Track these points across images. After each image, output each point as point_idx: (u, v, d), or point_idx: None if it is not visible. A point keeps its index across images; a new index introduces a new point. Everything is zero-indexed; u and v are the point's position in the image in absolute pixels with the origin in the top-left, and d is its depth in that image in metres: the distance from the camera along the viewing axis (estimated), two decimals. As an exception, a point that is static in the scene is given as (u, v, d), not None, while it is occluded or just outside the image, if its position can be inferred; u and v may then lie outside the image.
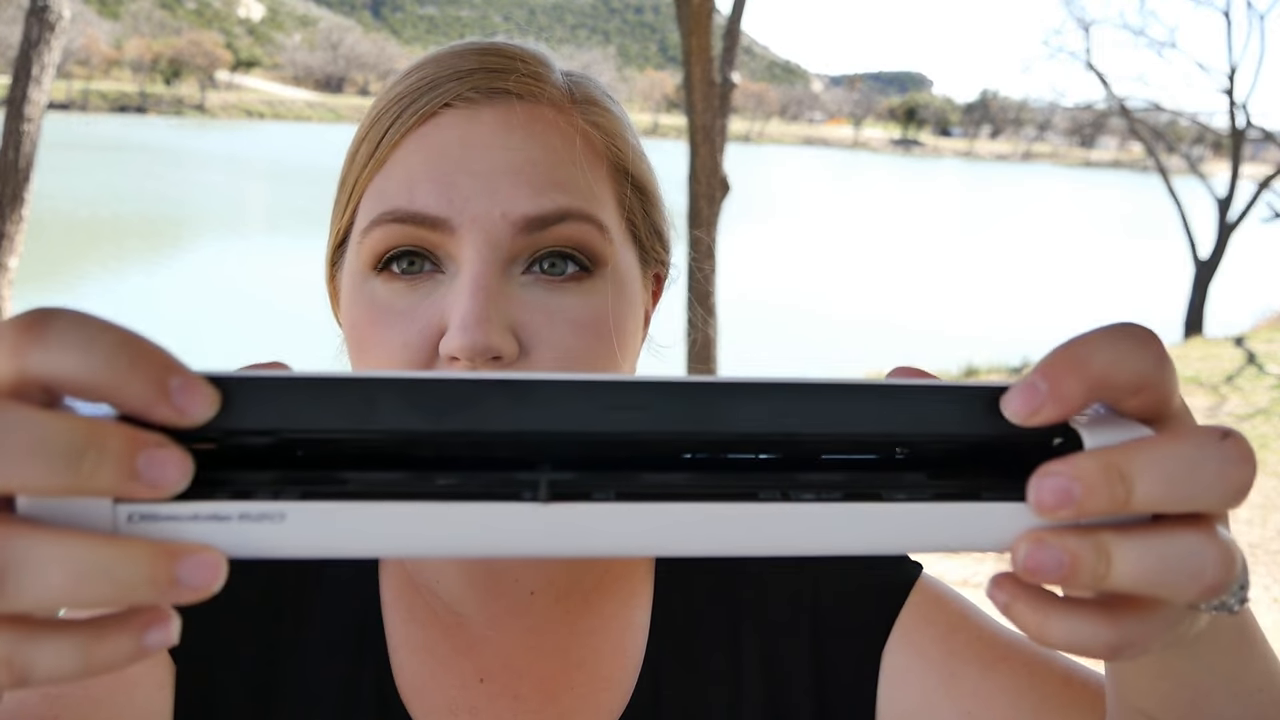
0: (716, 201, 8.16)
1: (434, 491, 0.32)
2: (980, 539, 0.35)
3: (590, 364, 0.61)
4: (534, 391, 0.33)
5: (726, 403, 0.34)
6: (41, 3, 4.64)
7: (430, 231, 0.60)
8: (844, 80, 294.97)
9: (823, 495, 0.34)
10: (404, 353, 0.60)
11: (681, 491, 0.33)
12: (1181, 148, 18.18)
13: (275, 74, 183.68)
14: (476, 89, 0.62)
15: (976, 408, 0.35)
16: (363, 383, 0.32)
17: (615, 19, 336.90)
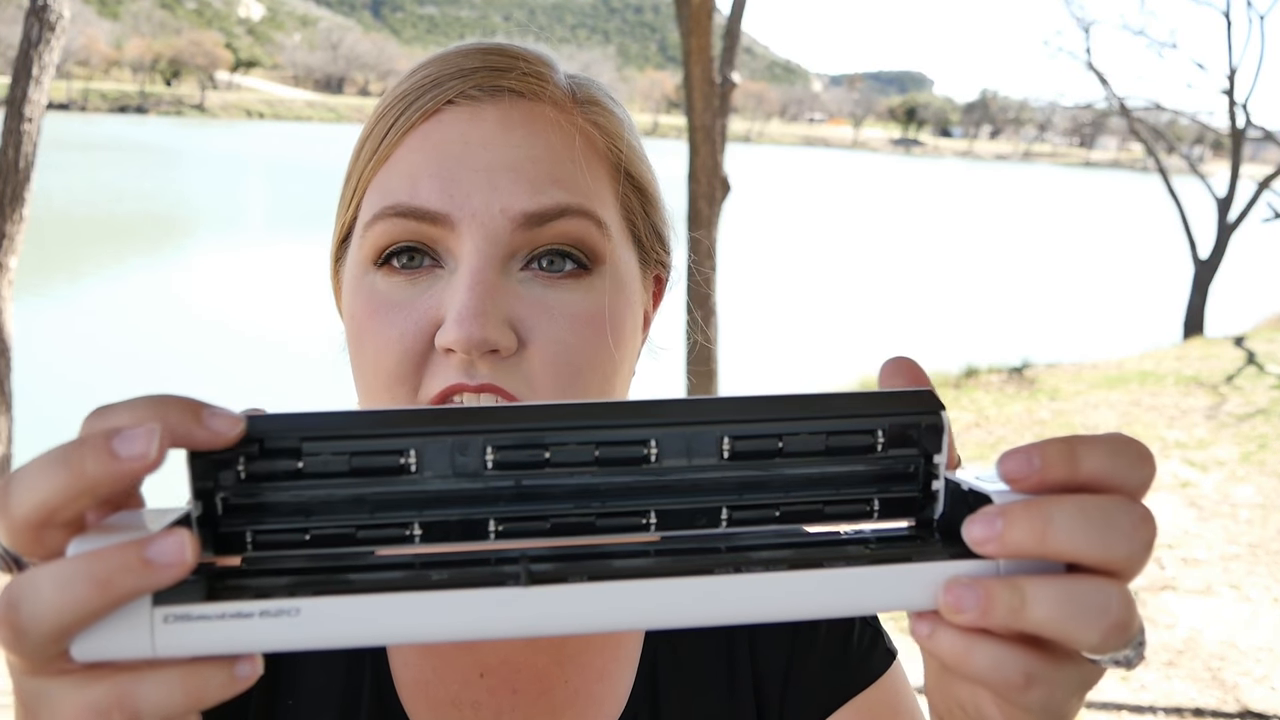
0: (716, 201, 8.16)
1: (430, 583, 0.36)
2: (915, 597, 0.38)
3: (587, 359, 0.62)
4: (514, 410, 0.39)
5: (673, 407, 0.40)
6: (41, 3, 4.64)
7: (431, 226, 0.61)
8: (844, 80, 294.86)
9: (771, 566, 0.38)
10: (400, 344, 0.60)
11: (646, 570, 0.37)
12: (1181, 148, 18.18)
13: (275, 74, 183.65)
14: (479, 87, 0.63)
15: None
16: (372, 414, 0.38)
17: (615, 19, 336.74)
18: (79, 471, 0.34)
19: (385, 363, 0.61)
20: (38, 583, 0.34)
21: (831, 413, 0.41)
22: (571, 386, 0.61)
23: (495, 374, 0.59)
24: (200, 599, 0.35)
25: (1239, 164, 15.07)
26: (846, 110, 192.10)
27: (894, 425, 0.41)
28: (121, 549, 0.33)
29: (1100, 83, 16.45)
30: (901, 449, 0.41)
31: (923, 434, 0.41)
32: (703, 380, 8.34)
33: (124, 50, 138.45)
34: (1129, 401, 9.06)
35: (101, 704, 0.34)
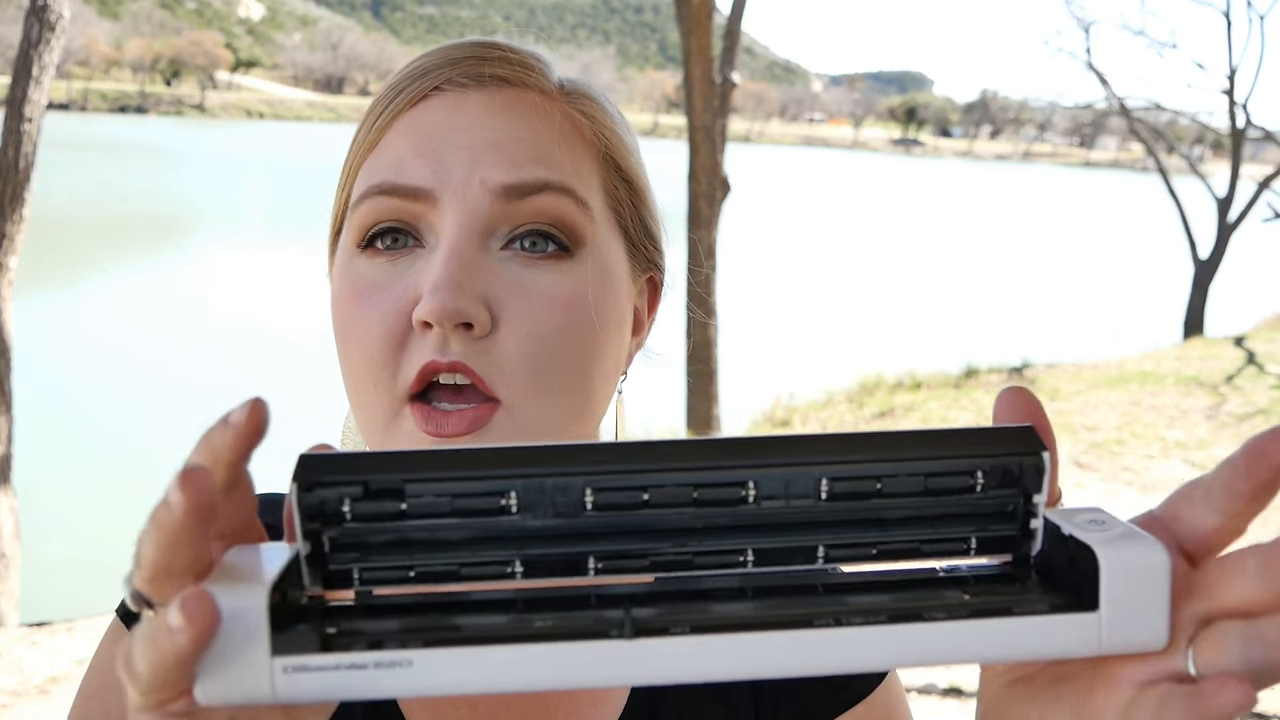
0: (716, 201, 8.16)
1: (535, 634, 0.37)
2: (1013, 651, 0.39)
3: (563, 343, 0.61)
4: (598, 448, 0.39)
5: (763, 447, 0.40)
6: (41, 3, 4.64)
7: (413, 203, 0.61)
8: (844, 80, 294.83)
9: (870, 619, 0.38)
10: (381, 323, 0.60)
11: (747, 622, 0.38)
12: (1181, 148, 18.18)
13: (275, 74, 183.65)
14: (465, 74, 0.64)
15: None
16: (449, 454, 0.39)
17: (615, 19, 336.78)
18: (164, 522, 0.35)
19: (368, 347, 0.60)
20: (135, 634, 0.36)
21: (931, 453, 0.40)
22: (545, 370, 0.60)
23: (466, 353, 0.58)
24: (316, 649, 0.37)
25: (1239, 164, 15.07)
26: (846, 110, 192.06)
27: (994, 466, 0.41)
28: (155, 618, 0.36)
29: (1100, 83, 16.46)
30: (1001, 489, 0.41)
31: (1023, 474, 0.41)
32: (702, 380, 8.34)
33: (124, 50, 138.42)
34: (1129, 401, 9.06)
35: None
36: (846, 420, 8.57)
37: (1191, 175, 16.96)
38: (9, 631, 4.55)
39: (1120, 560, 0.38)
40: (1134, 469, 7.01)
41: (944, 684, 3.95)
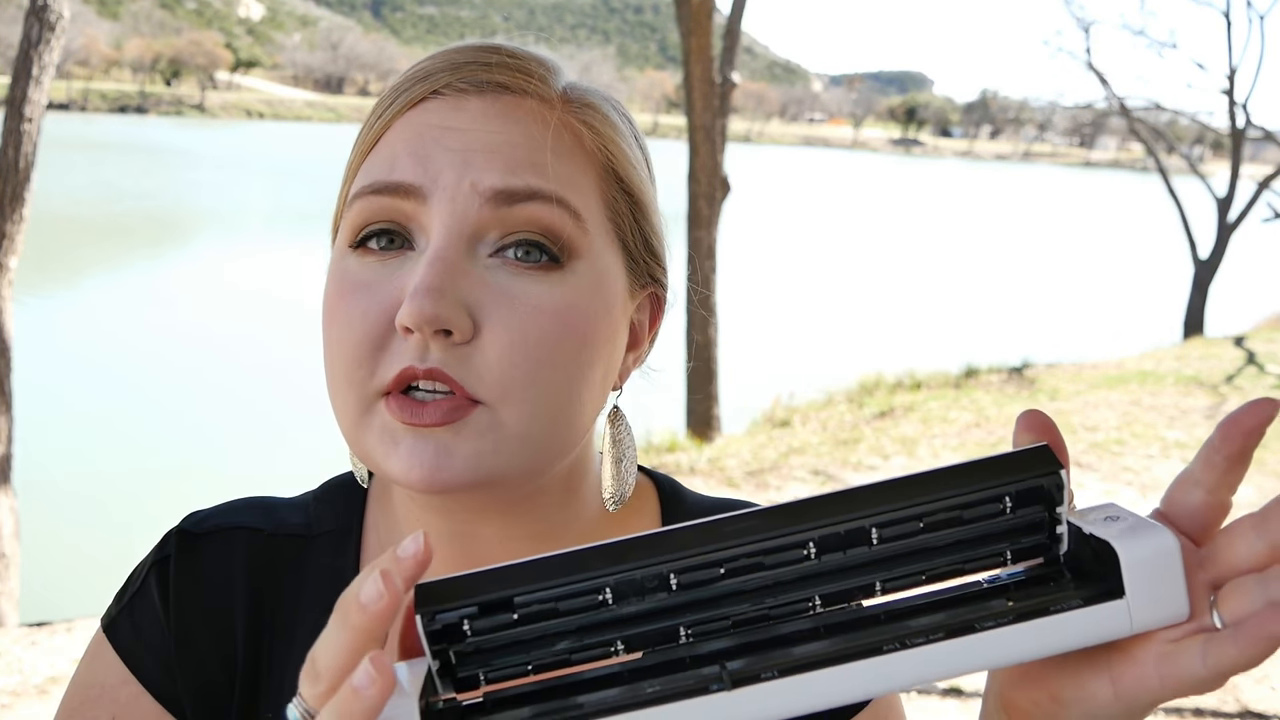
0: (716, 201, 8.16)
1: (648, 699, 0.43)
2: (1055, 645, 0.45)
3: (546, 355, 0.60)
4: (670, 535, 0.45)
5: (809, 511, 0.45)
6: (41, 3, 4.63)
7: (404, 201, 0.60)
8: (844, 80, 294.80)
9: (931, 638, 0.44)
10: (362, 324, 0.59)
11: (825, 658, 0.44)
12: (1181, 148, 18.17)
13: (275, 74, 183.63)
14: (465, 79, 0.63)
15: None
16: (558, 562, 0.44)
17: (615, 19, 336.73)
18: (357, 620, 0.40)
19: (347, 344, 0.60)
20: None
21: (963, 489, 0.45)
22: (528, 379, 0.59)
23: (445, 360, 0.58)
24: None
25: (1239, 164, 15.08)
26: (846, 110, 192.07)
27: (1019, 490, 0.46)
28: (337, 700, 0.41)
29: (1100, 83, 16.46)
30: (1028, 506, 0.46)
31: (1045, 491, 0.46)
32: (702, 380, 8.34)
33: (124, 50, 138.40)
34: (1129, 401, 9.06)
35: None
36: (847, 419, 8.57)
37: (1191, 175, 16.96)
38: (9, 631, 4.55)
39: (1136, 549, 0.44)
40: (1134, 469, 7.02)
41: (944, 685, 3.96)
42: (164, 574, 0.72)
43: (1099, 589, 0.45)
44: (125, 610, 0.72)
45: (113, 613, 0.72)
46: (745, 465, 7.00)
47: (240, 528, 0.74)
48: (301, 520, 0.75)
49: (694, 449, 7.58)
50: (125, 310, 15.97)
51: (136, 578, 0.73)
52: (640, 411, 0.70)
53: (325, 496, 0.78)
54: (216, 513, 0.75)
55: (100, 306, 16.09)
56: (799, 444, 7.70)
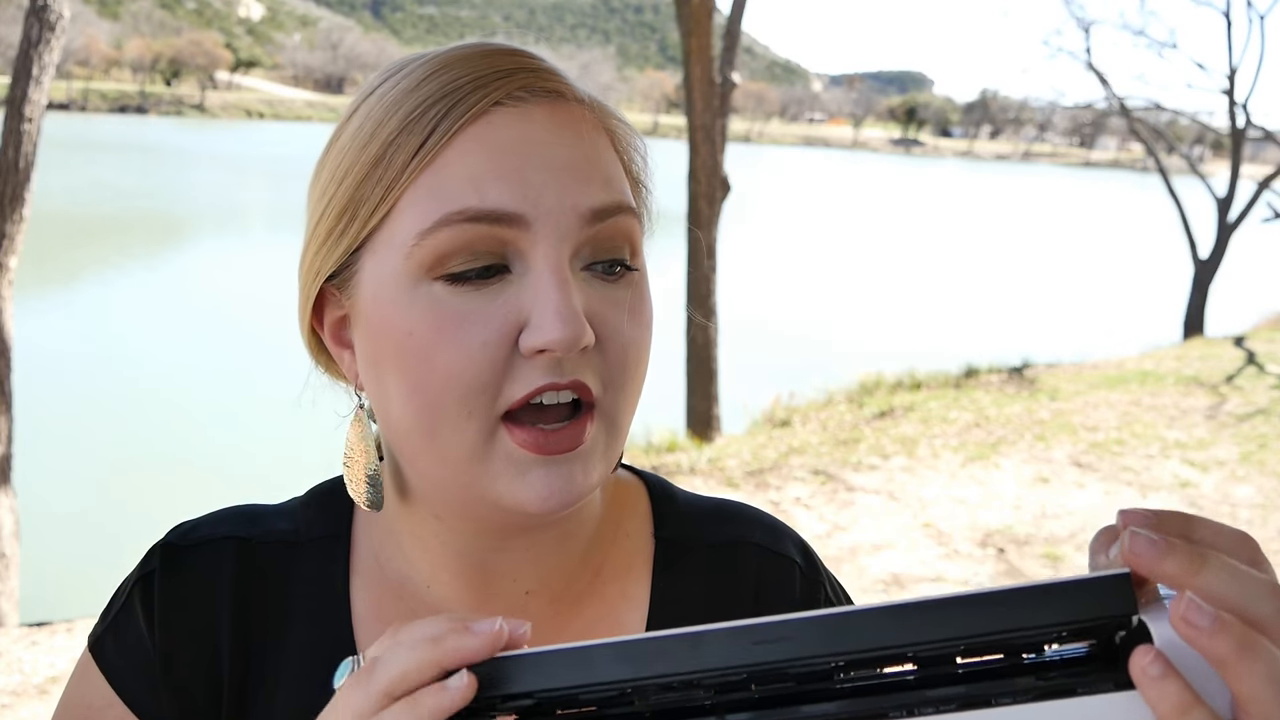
0: (716, 201, 8.16)
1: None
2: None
3: (643, 353, 0.65)
4: (707, 639, 0.45)
5: (851, 627, 0.43)
6: (41, 3, 4.63)
7: (505, 229, 0.59)
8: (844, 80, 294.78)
9: (941, 709, 0.43)
10: (484, 351, 0.59)
11: (831, 716, 0.43)
12: (1181, 148, 18.16)
13: (275, 74, 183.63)
14: (525, 88, 0.62)
15: (1050, 607, 0.43)
16: (586, 650, 0.45)
17: (615, 19, 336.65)
18: (443, 647, 0.46)
19: (466, 374, 0.59)
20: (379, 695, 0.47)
21: (1032, 623, 0.43)
22: (632, 380, 0.64)
23: (579, 370, 0.60)
24: None
25: (1239, 164, 15.07)
26: (846, 110, 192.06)
27: (1083, 628, 0.43)
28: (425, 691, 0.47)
29: (1100, 83, 16.45)
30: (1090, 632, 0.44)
31: (1113, 627, 0.43)
32: (702, 379, 8.33)
33: (124, 50, 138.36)
34: (1129, 401, 9.06)
35: None
36: (847, 420, 8.57)
37: (1191, 175, 16.96)
38: (9, 631, 4.55)
39: (1173, 635, 0.41)
40: (1134, 469, 7.01)
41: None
42: (148, 590, 0.71)
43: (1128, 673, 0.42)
44: (110, 629, 0.71)
45: (98, 631, 0.72)
46: (745, 465, 7.00)
47: (227, 538, 0.73)
48: (289, 527, 0.75)
49: (694, 449, 7.59)
50: (125, 310, 15.97)
51: (121, 595, 0.73)
52: (640, 411, 0.70)
53: (313, 502, 0.77)
54: (202, 524, 0.74)
55: (100, 306, 16.09)
56: (799, 444, 7.70)
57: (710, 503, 0.80)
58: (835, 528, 5.77)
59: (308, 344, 0.71)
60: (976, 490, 6.50)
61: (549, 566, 0.71)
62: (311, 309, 0.68)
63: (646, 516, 0.77)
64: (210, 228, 27.12)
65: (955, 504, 6.24)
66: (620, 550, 0.75)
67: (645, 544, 0.76)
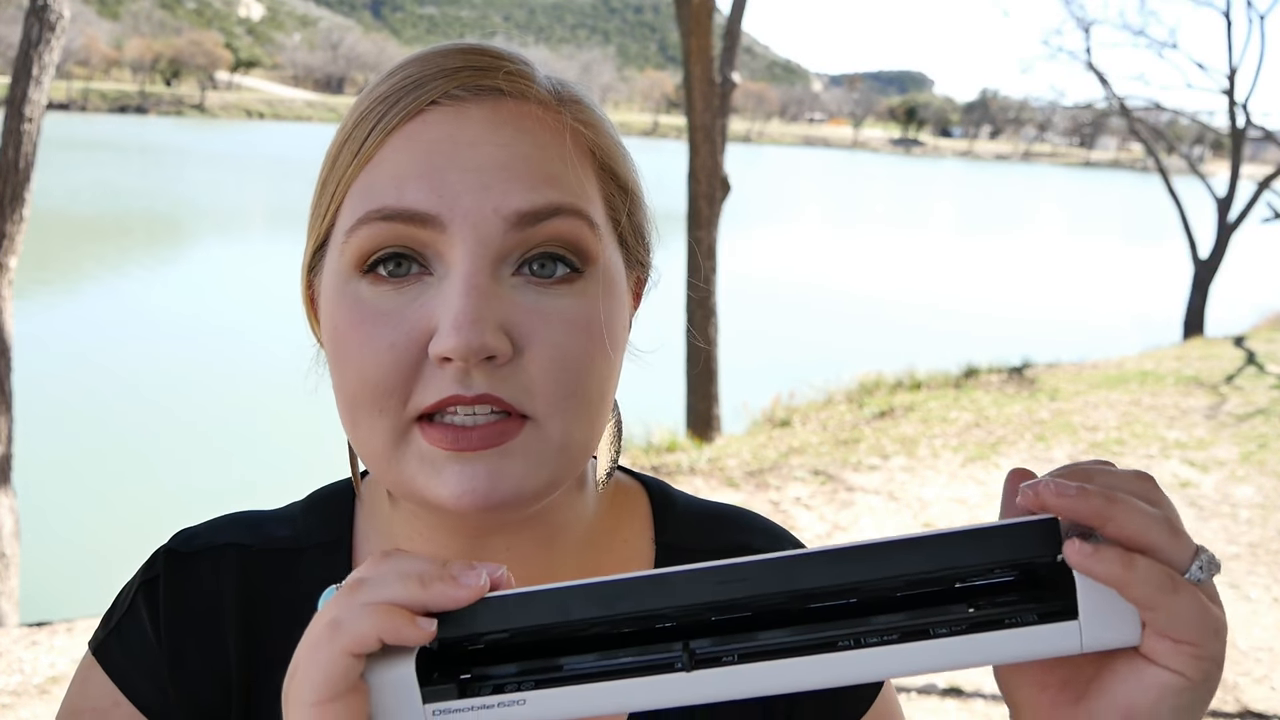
0: (716, 201, 8.16)
1: (618, 670, 0.49)
2: (1001, 658, 0.47)
3: (584, 363, 0.60)
4: (673, 580, 0.49)
5: (804, 569, 0.48)
6: (41, 3, 4.63)
7: (420, 229, 0.58)
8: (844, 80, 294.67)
9: (885, 639, 0.47)
10: (390, 354, 0.58)
11: (784, 648, 0.48)
12: (1181, 148, 18.16)
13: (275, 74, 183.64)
14: (463, 86, 0.61)
15: (986, 549, 0.48)
16: (558, 592, 0.49)
17: (615, 19, 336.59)
18: (430, 592, 0.48)
19: (373, 375, 0.58)
20: (387, 570, 0.50)
21: (965, 561, 0.47)
22: (572, 393, 0.60)
23: (491, 383, 0.57)
24: (455, 697, 0.49)
25: (1239, 164, 15.07)
26: (846, 110, 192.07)
27: (1016, 566, 0.48)
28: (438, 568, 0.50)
29: (1100, 83, 16.46)
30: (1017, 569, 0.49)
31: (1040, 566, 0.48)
32: (702, 379, 8.33)
33: (124, 50, 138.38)
34: (1129, 401, 9.06)
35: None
36: (847, 420, 8.57)
37: (1191, 175, 16.96)
38: (9, 631, 4.55)
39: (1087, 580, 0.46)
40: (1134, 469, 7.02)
41: (944, 684, 3.96)
42: (152, 594, 0.71)
43: (1056, 606, 0.47)
44: (114, 632, 0.71)
45: (100, 636, 0.71)
46: (745, 465, 7.00)
47: (229, 545, 0.73)
48: (289, 533, 0.74)
49: (694, 449, 7.58)
50: (125, 310, 15.97)
51: (124, 600, 0.72)
52: (640, 412, 0.70)
53: (313, 508, 0.76)
54: (202, 531, 0.74)
55: (100, 306, 16.09)
56: (799, 444, 7.70)
57: (711, 508, 0.79)
58: (835, 528, 5.77)
59: (315, 334, 0.72)
60: (976, 490, 6.50)
61: (536, 567, 0.69)
62: (310, 302, 0.69)
63: (646, 521, 0.76)
64: (210, 228, 27.12)
65: (955, 504, 6.24)
66: (618, 555, 0.75)
67: (645, 549, 0.75)
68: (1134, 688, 0.47)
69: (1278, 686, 4.04)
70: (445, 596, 0.48)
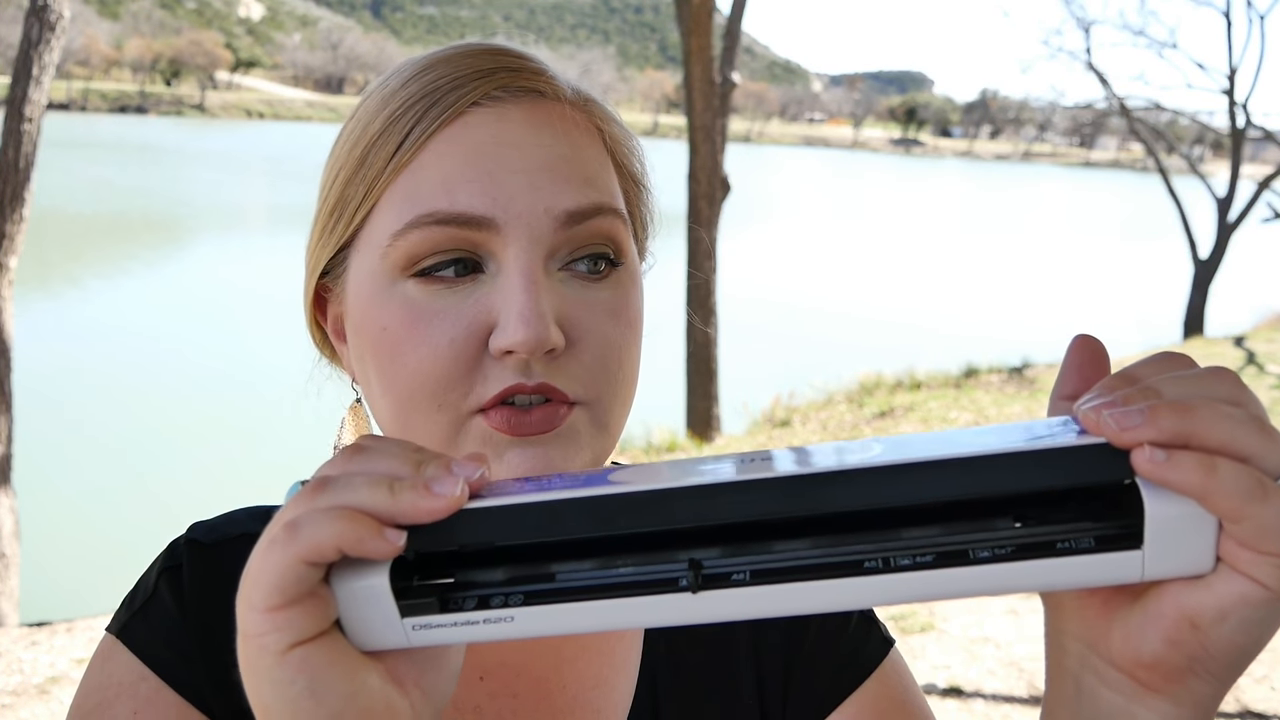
0: (716, 201, 8.16)
1: (615, 586, 0.44)
2: (1051, 585, 0.42)
3: (625, 354, 0.64)
4: (677, 496, 0.43)
5: (832, 490, 0.41)
6: (41, 3, 4.64)
7: (475, 231, 0.60)
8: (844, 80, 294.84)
9: (918, 562, 0.41)
10: (450, 349, 0.59)
11: (801, 568, 0.42)
12: (1181, 148, 18.16)
13: (275, 74, 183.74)
14: (503, 88, 0.62)
15: (1045, 468, 0.41)
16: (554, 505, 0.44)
17: (615, 19, 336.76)
18: (399, 502, 0.43)
19: (435, 371, 0.60)
20: (358, 470, 0.46)
21: (1007, 490, 0.41)
22: (614, 381, 0.63)
23: (549, 373, 0.59)
24: (436, 611, 0.45)
25: (1239, 164, 15.08)
26: (846, 110, 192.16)
27: (1079, 490, 0.42)
28: (417, 474, 0.45)
29: (1100, 83, 16.46)
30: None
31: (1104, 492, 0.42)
32: (702, 379, 8.34)
33: (124, 50, 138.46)
34: (1129, 401, 9.06)
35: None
36: (847, 419, 8.57)
37: (1191, 175, 16.96)
38: (9, 631, 4.55)
39: (1165, 504, 0.40)
40: (1134, 469, 7.02)
41: (944, 684, 3.96)
42: (176, 580, 0.70)
43: (1116, 528, 0.41)
44: (138, 614, 0.70)
45: (124, 618, 0.71)
46: (745, 465, 6.99)
47: (246, 535, 0.72)
48: None
49: (694, 449, 7.58)
50: (125, 310, 15.98)
51: (146, 585, 0.72)
52: (640, 411, 0.71)
53: None
54: (219, 524, 0.74)
55: (100, 306, 16.10)
56: (799, 444, 7.69)
57: None
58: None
59: (312, 336, 0.72)
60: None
61: None
62: (315, 303, 0.70)
63: None
64: (210, 227, 27.12)
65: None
66: None
67: None
68: (1204, 594, 0.42)
69: (1278, 686, 4.04)
70: (416, 508, 0.43)
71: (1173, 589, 0.43)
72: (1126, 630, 0.45)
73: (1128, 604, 0.45)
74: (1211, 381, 0.42)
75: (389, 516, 0.43)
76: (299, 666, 0.43)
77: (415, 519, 0.43)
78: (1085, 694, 0.48)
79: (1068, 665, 0.49)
